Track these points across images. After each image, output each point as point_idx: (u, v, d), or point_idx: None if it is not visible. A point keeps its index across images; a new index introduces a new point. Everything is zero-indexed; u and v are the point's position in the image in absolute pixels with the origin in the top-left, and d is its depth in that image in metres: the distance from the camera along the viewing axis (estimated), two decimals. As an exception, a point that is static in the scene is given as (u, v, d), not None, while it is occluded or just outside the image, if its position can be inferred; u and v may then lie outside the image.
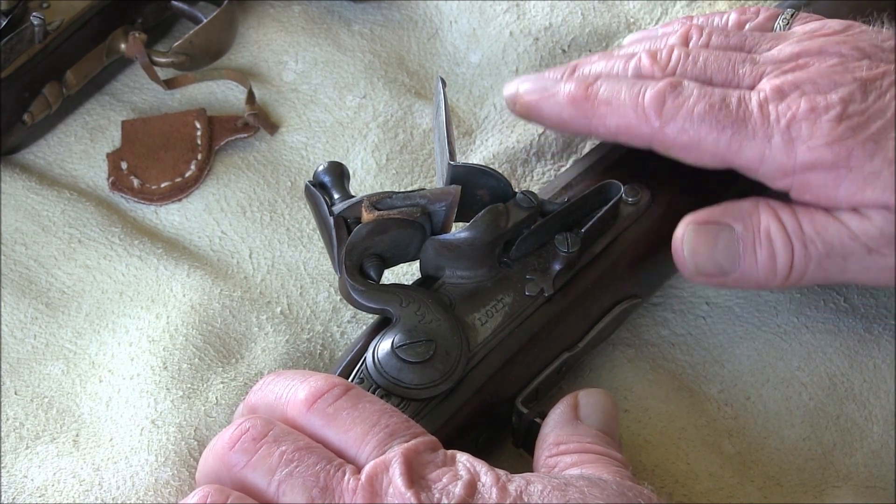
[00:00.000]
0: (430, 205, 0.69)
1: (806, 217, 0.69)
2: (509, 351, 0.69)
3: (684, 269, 0.72)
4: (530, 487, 0.59)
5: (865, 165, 0.67)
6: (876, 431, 0.74)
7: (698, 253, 0.71)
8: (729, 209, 0.71)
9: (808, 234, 0.69)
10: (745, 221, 0.70)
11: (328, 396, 0.63)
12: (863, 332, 0.77)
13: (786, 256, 0.69)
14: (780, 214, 0.70)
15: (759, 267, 0.70)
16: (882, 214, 0.68)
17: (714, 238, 0.70)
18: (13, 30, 0.79)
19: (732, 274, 0.71)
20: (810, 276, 0.70)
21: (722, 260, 0.70)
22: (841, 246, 0.69)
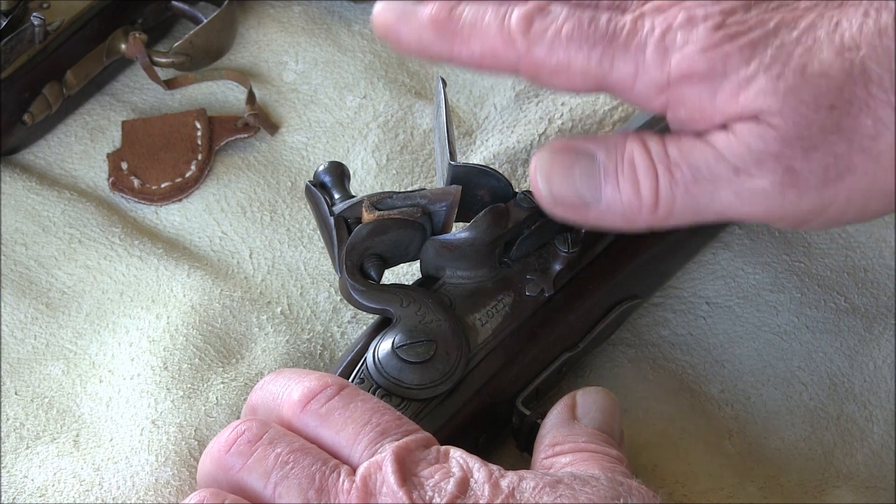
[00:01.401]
0: (431, 205, 0.69)
1: (672, 142, 0.65)
2: (510, 351, 0.69)
3: (540, 197, 0.67)
4: (522, 484, 0.60)
5: (740, 71, 0.63)
6: (876, 431, 0.74)
7: (553, 178, 0.66)
8: (594, 138, 0.67)
9: (672, 158, 0.64)
10: (609, 149, 0.66)
11: (321, 397, 0.63)
12: (863, 332, 0.77)
13: (650, 183, 0.65)
14: (647, 141, 0.65)
15: (623, 196, 0.65)
16: (750, 127, 0.63)
17: (571, 163, 0.66)
18: (13, 30, 0.79)
19: (595, 206, 0.66)
20: (680, 207, 0.65)
21: (581, 188, 0.66)
22: (707, 168, 0.64)
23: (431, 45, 0.67)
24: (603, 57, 0.64)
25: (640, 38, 0.64)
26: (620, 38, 0.64)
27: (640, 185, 0.65)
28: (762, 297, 0.78)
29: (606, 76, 0.65)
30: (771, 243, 0.80)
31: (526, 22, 0.65)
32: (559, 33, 0.65)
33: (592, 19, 0.65)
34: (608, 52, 0.64)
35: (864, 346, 0.76)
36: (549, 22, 0.65)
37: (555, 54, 0.65)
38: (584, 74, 0.65)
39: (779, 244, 0.80)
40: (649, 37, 0.64)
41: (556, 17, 0.65)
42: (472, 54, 0.66)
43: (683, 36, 0.64)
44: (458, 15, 0.66)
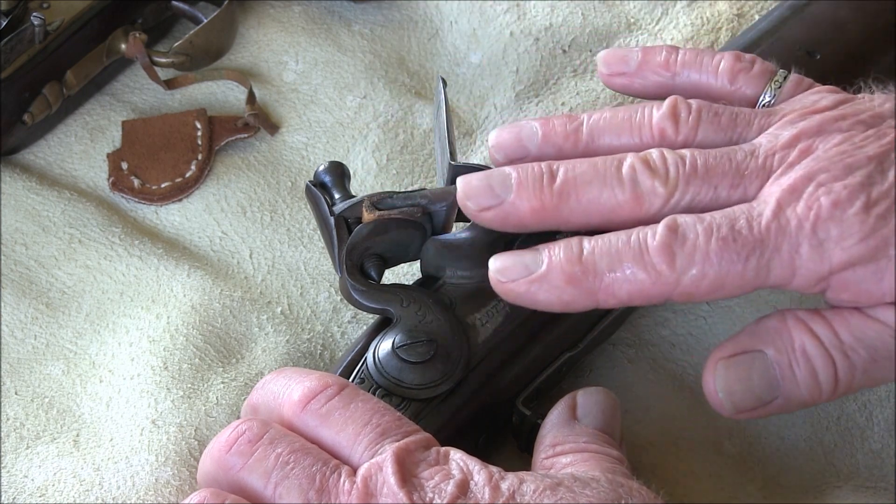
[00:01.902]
0: (431, 205, 0.69)
1: (841, 323, 0.63)
2: (510, 351, 0.69)
3: (721, 410, 0.65)
4: (523, 486, 0.60)
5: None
6: (876, 431, 0.74)
7: (735, 391, 0.65)
8: (756, 333, 0.65)
9: (847, 343, 0.63)
10: (777, 343, 0.64)
11: (321, 397, 0.63)
12: (863, 332, 0.77)
13: (828, 371, 0.63)
14: (813, 326, 0.63)
15: (802, 388, 0.64)
16: None
17: (748, 370, 0.64)
18: (13, 30, 0.79)
19: (775, 401, 0.64)
20: (858, 384, 0.64)
21: (760, 391, 0.64)
22: (885, 347, 0.63)
23: (574, 302, 0.64)
24: (759, 265, 0.62)
25: (790, 237, 0.62)
26: (770, 241, 0.62)
27: (818, 373, 0.64)
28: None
29: (764, 281, 0.63)
30: (771, 243, 0.80)
31: (667, 252, 0.62)
32: (706, 254, 0.62)
33: (732, 227, 0.62)
34: (762, 259, 0.62)
35: (864, 346, 0.76)
36: (692, 245, 0.62)
37: (707, 276, 0.62)
38: (742, 286, 0.63)
39: (779, 244, 0.80)
40: (800, 233, 0.62)
41: (695, 237, 0.62)
42: (619, 299, 0.63)
43: (836, 226, 0.61)
44: (590, 263, 0.63)
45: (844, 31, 0.76)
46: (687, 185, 0.64)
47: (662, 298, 0.63)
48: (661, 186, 0.64)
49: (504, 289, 0.65)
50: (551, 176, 0.65)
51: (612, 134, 0.68)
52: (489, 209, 0.66)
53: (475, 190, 0.66)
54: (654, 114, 0.68)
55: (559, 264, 0.64)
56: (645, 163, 0.65)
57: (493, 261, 0.65)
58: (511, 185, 0.65)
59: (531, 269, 0.64)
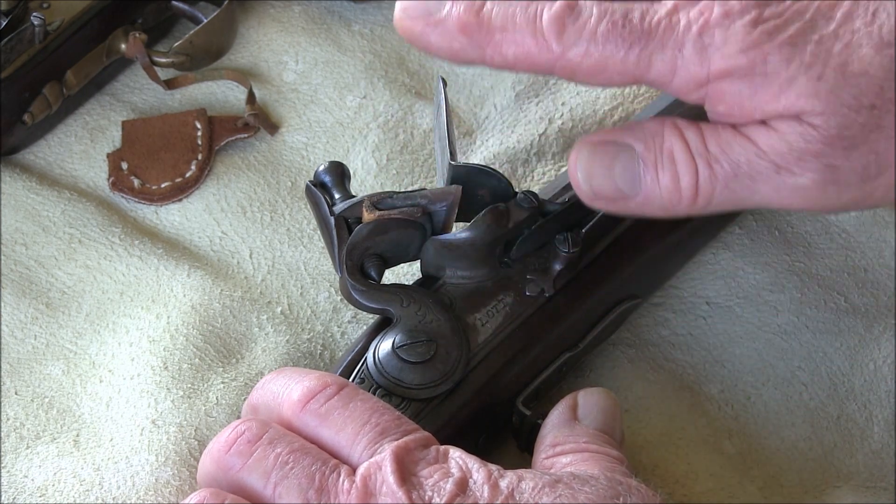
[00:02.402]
0: (431, 205, 0.69)
1: (712, 135, 0.65)
2: (510, 351, 0.69)
3: (580, 191, 0.67)
4: (522, 484, 0.60)
5: (781, 71, 0.63)
6: (876, 431, 0.74)
7: (594, 174, 0.66)
8: (631, 128, 0.67)
9: (713, 153, 0.64)
10: (647, 141, 0.66)
11: (321, 396, 0.63)
12: (863, 332, 0.77)
13: (690, 178, 0.65)
14: (686, 133, 0.65)
15: (662, 189, 0.65)
16: (792, 126, 0.63)
17: (612, 158, 0.66)
18: (13, 30, 0.79)
19: (634, 198, 0.66)
20: (718, 198, 0.65)
21: (621, 182, 0.66)
22: (748, 164, 0.64)
23: (462, 51, 0.66)
24: (640, 55, 0.63)
25: (677, 35, 0.63)
26: (657, 35, 0.63)
27: (680, 178, 0.65)
28: (762, 297, 0.78)
29: (644, 74, 0.64)
30: (771, 243, 0.80)
31: (558, 23, 0.64)
32: (594, 34, 0.64)
33: (625, 16, 0.64)
34: (645, 51, 0.63)
35: (864, 346, 0.76)
36: (583, 22, 0.64)
37: (591, 55, 0.64)
38: (622, 73, 0.64)
39: (779, 244, 0.80)
40: (686, 34, 0.63)
41: (588, 16, 0.64)
42: (505, 59, 0.65)
43: (722, 34, 0.63)
44: (486, 18, 0.65)
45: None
46: None
47: (545, 68, 0.65)
48: None
49: (402, 25, 0.66)
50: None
51: None
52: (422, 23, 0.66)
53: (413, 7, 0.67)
54: None
55: (457, 12, 0.65)
56: None
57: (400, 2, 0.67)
58: None
59: (431, 12, 0.66)
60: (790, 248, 0.80)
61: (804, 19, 0.63)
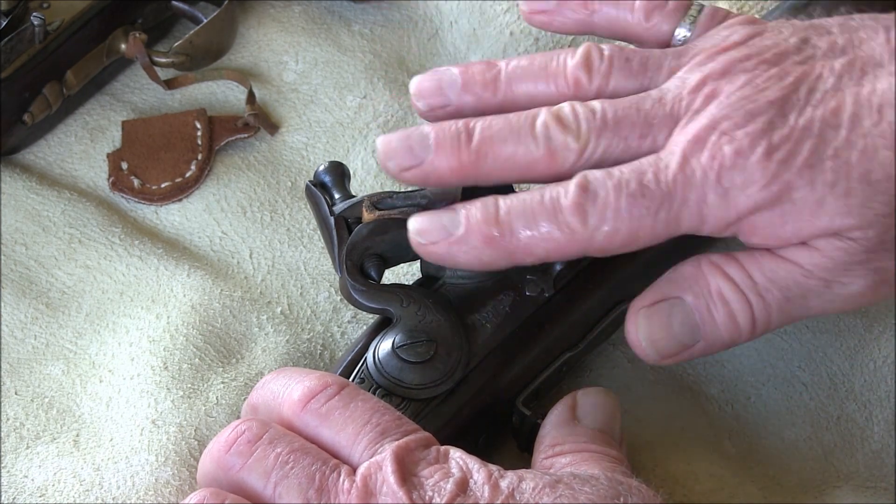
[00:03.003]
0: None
1: (753, 265, 0.65)
2: (510, 351, 0.69)
3: (647, 357, 0.68)
4: (522, 484, 0.60)
5: (808, 196, 0.63)
6: (876, 432, 0.74)
7: (657, 339, 0.67)
8: (673, 280, 0.67)
9: (760, 284, 0.65)
10: (694, 289, 0.66)
11: (321, 396, 0.63)
12: (863, 332, 0.77)
13: (745, 313, 0.65)
14: (727, 270, 0.66)
15: (722, 330, 0.66)
16: (832, 243, 0.64)
17: (668, 317, 0.67)
18: (13, 30, 0.79)
19: (696, 345, 0.67)
20: (775, 322, 0.66)
21: (682, 336, 0.67)
22: (797, 286, 0.65)
23: (493, 262, 0.65)
24: (668, 217, 0.64)
25: (697, 188, 0.63)
26: (677, 193, 0.63)
27: (736, 316, 0.66)
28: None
29: (676, 230, 0.64)
30: (771, 243, 0.80)
31: (579, 211, 0.64)
32: (617, 211, 0.63)
33: (640, 182, 0.63)
34: (671, 212, 0.64)
35: (864, 346, 0.76)
36: (602, 202, 0.63)
37: (620, 231, 0.64)
38: (655, 236, 0.64)
39: (779, 244, 0.80)
40: (705, 183, 0.63)
41: (605, 195, 0.63)
42: (538, 257, 0.65)
43: (740, 174, 0.63)
44: (506, 223, 0.65)
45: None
46: (598, 139, 0.65)
47: (579, 254, 0.65)
48: (574, 141, 0.65)
49: (425, 251, 0.66)
50: (468, 134, 0.66)
51: (529, 82, 0.69)
52: (409, 169, 0.67)
53: (395, 151, 0.67)
54: (568, 62, 0.69)
55: (477, 225, 0.65)
56: (557, 119, 0.66)
57: (411, 222, 0.66)
58: (430, 144, 0.66)
59: (450, 231, 0.65)
60: (790, 248, 0.80)
61: (813, 135, 0.63)
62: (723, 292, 0.66)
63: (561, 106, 0.66)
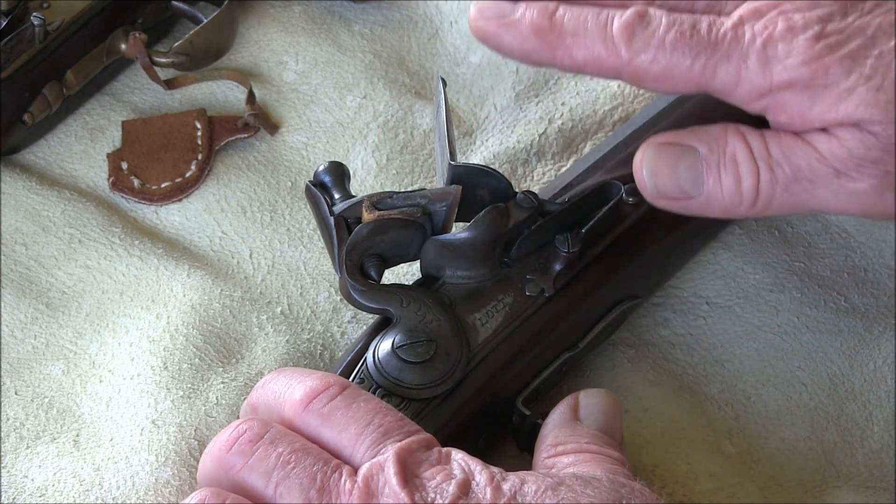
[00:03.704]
0: (431, 205, 0.69)
1: (773, 139, 0.67)
2: (510, 351, 0.69)
3: (644, 190, 0.69)
4: (524, 487, 0.60)
5: (841, 82, 0.65)
6: (876, 431, 0.74)
7: (659, 173, 0.68)
8: (695, 131, 0.69)
9: (774, 157, 0.67)
10: (711, 144, 0.68)
11: (323, 396, 0.63)
12: (863, 332, 0.77)
13: (751, 180, 0.67)
14: (748, 138, 0.68)
15: (724, 191, 0.68)
16: (852, 133, 0.66)
17: (676, 159, 0.68)
18: (13, 30, 0.79)
19: (696, 198, 0.68)
20: (778, 201, 0.68)
21: (684, 182, 0.68)
22: (808, 169, 0.66)
23: (533, 53, 0.68)
24: (706, 65, 0.66)
25: (741, 47, 0.66)
26: (723, 46, 0.66)
27: (742, 181, 0.67)
28: (762, 297, 0.78)
29: (709, 82, 0.67)
30: (771, 243, 0.80)
31: (628, 30, 0.67)
32: (662, 42, 0.66)
33: (693, 26, 0.66)
34: (711, 60, 0.66)
35: (864, 346, 0.77)
36: (652, 30, 0.67)
37: (658, 62, 0.66)
38: (687, 81, 0.67)
39: (779, 244, 0.80)
40: (751, 46, 0.66)
41: (657, 25, 0.67)
42: (574, 62, 0.68)
43: (785, 47, 0.65)
44: (558, 22, 0.68)
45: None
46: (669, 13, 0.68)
47: (613, 73, 0.68)
48: None
49: (477, 25, 0.69)
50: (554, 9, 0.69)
51: None
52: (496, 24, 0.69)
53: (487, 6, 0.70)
54: None
55: (531, 15, 0.68)
56: None
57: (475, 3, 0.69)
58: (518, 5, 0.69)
59: (505, 13, 0.69)
60: (790, 248, 0.80)
61: (866, 35, 0.66)
62: (736, 154, 0.67)
63: None
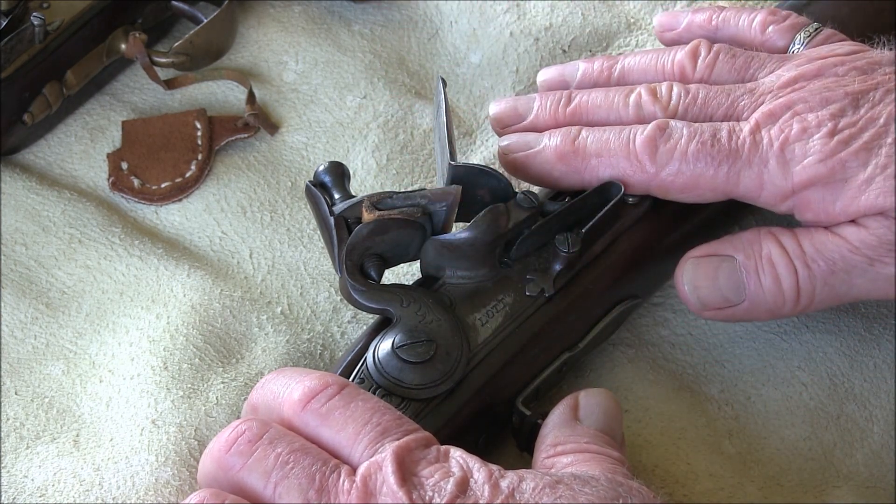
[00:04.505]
0: (431, 205, 0.69)
1: (805, 237, 0.70)
2: (510, 351, 0.69)
3: (689, 304, 0.72)
4: (522, 484, 0.60)
5: (859, 174, 0.68)
6: (876, 431, 0.74)
7: (701, 286, 0.71)
8: (729, 240, 0.71)
9: (809, 254, 0.69)
10: (747, 250, 0.71)
11: (322, 396, 0.63)
12: (863, 332, 0.77)
13: (790, 279, 0.69)
14: (781, 238, 0.70)
15: (766, 293, 0.70)
16: (878, 221, 0.68)
17: (715, 269, 0.71)
18: (13, 30, 0.79)
19: (741, 304, 0.71)
20: (819, 296, 0.70)
21: (726, 290, 0.71)
22: (843, 260, 0.69)
23: (562, 178, 0.72)
24: (729, 172, 0.69)
25: (761, 153, 0.69)
26: (743, 153, 0.69)
27: (782, 281, 0.70)
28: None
29: (734, 189, 0.70)
30: (771, 243, 0.80)
31: (651, 144, 0.70)
32: (685, 153, 0.70)
33: (714, 135, 0.70)
34: (734, 168, 0.69)
35: (864, 346, 0.76)
36: (674, 143, 0.70)
37: (683, 174, 0.70)
38: (713, 189, 0.70)
39: (779, 244, 0.80)
40: (769, 150, 0.69)
41: (679, 137, 0.70)
42: (602, 181, 0.71)
43: (801, 147, 0.68)
44: (581, 145, 0.72)
45: (845, 30, 0.77)
46: (685, 113, 0.72)
47: (641, 188, 0.71)
48: (661, 112, 0.72)
49: (505, 160, 0.74)
50: (568, 100, 0.75)
51: (640, 72, 0.76)
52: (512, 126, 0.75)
53: (504, 111, 0.76)
54: (677, 54, 0.75)
55: (555, 142, 0.72)
56: (651, 92, 0.73)
57: (502, 139, 0.75)
58: (532, 107, 0.75)
59: (531, 146, 0.73)
60: (790, 248, 0.80)
61: (878, 125, 0.68)
62: (772, 256, 0.70)
63: (660, 83, 0.73)
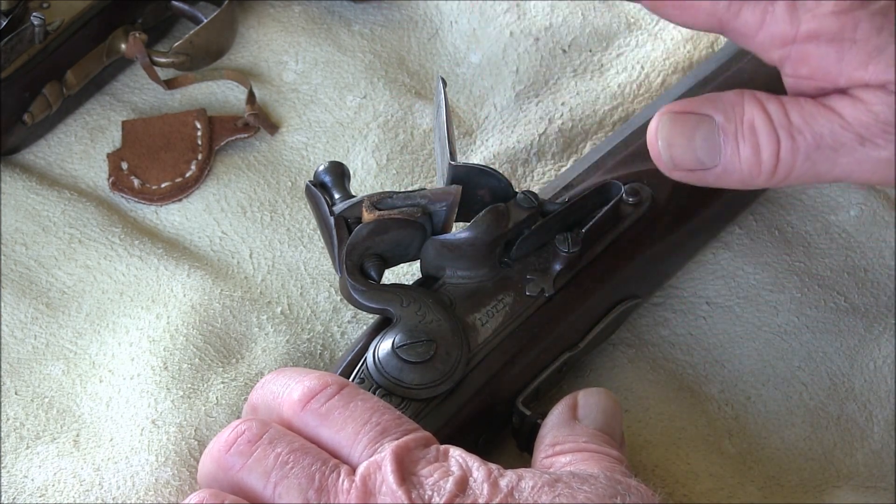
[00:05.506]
0: (431, 205, 0.69)
1: (794, 106, 0.64)
2: (510, 351, 0.69)
3: (659, 162, 0.67)
4: (521, 483, 0.60)
5: (871, 39, 0.63)
6: (876, 431, 0.74)
7: (674, 144, 0.66)
8: (710, 99, 0.66)
9: (795, 125, 0.64)
10: (728, 112, 0.65)
11: (321, 396, 0.63)
12: (863, 332, 0.77)
13: (771, 149, 0.64)
14: (766, 105, 0.65)
15: (742, 161, 0.65)
16: (878, 96, 0.63)
17: (692, 128, 0.65)
18: (13, 30, 0.79)
19: (713, 168, 0.66)
20: (798, 171, 0.65)
21: (701, 153, 0.65)
22: (831, 136, 0.63)
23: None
24: (732, 1, 0.64)
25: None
26: None
27: (761, 150, 0.65)
28: (762, 297, 0.78)
29: (731, 20, 0.64)
30: (771, 243, 0.80)
31: None
32: None
33: None
34: None
35: (864, 346, 0.76)
36: None
37: None
38: (710, 13, 0.64)
39: (779, 244, 0.80)
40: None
41: None
42: None
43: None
44: None
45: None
46: None
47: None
48: None
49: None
50: None
51: None
52: None
53: None
54: None
55: None
56: None
57: None
58: None
59: None
60: (790, 248, 0.80)
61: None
62: (755, 123, 0.65)
63: None
